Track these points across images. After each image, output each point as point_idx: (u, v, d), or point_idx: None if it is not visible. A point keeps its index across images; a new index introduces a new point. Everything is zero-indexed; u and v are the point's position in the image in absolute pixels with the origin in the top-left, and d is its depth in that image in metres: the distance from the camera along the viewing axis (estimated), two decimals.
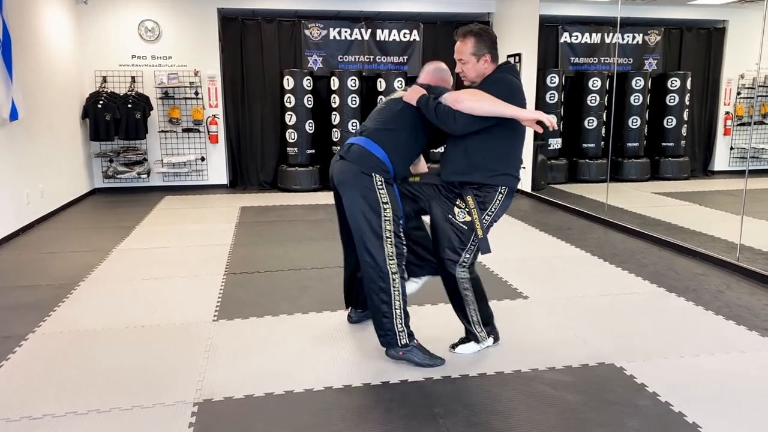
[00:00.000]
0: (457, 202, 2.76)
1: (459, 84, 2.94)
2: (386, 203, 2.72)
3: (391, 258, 2.73)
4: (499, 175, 2.72)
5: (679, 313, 3.51)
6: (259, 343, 3.09)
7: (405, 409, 2.44)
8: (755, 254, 4.59)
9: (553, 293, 3.78)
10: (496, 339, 3.02)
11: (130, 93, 7.66)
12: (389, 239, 2.73)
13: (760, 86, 7.39)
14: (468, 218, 2.74)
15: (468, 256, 2.79)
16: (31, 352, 3.00)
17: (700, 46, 9.10)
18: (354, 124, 8.03)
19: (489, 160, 2.70)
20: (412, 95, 2.79)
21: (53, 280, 4.16)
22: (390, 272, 2.73)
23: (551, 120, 2.55)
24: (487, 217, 2.75)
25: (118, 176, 7.88)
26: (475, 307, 2.89)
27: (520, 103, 2.69)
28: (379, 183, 2.72)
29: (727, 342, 3.09)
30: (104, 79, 7.75)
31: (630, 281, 4.12)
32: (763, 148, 7.63)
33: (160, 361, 2.88)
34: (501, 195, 2.74)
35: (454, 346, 2.96)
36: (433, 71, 3.00)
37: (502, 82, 2.71)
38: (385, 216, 2.72)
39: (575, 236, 5.40)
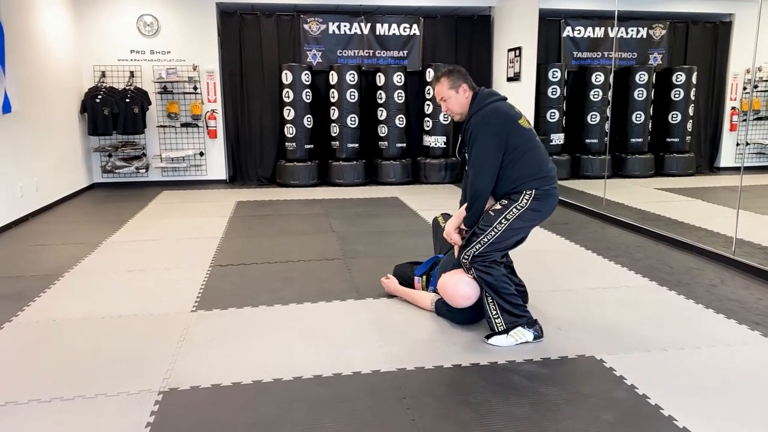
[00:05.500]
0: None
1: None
2: None
3: None
4: (520, 184, 2.87)
5: (668, 307, 3.41)
6: (234, 334, 3.04)
7: (374, 400, 2.38)
8: (754, 249, 4.47)
9: (539, 286, 3.69)
10: (537, 336, 2.90)
11: (128, 87, 7.66)
12: None
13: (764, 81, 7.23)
14: (498, 207, 2.90)
15: (479, 247, 2.89)
16: (3, 340, 2.97)
17: (706, 40, 8.94)
18: (353, 119, 7.97)
19: (504, 185, 2.90)
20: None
21: (38, 271, 4.14)
22: None
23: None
24: (514, 210, 2.86)
25: (116, 171, 7.88)
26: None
27: (500, 131, 2.84)
28: None
29: (715, 336, 3.00)
30: (103, 74, 7.76)
31: (621, 275, 4.02)
32: (766, 144, 7.47)
33: (132, 351, 2.84)
34: (528, 195, 2.87)
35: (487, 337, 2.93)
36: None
37: (483, 130, 2.84)
38: None
39: (571, 231, 5.31)
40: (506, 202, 2.88)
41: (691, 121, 8.79)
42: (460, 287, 2.98)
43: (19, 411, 2.31)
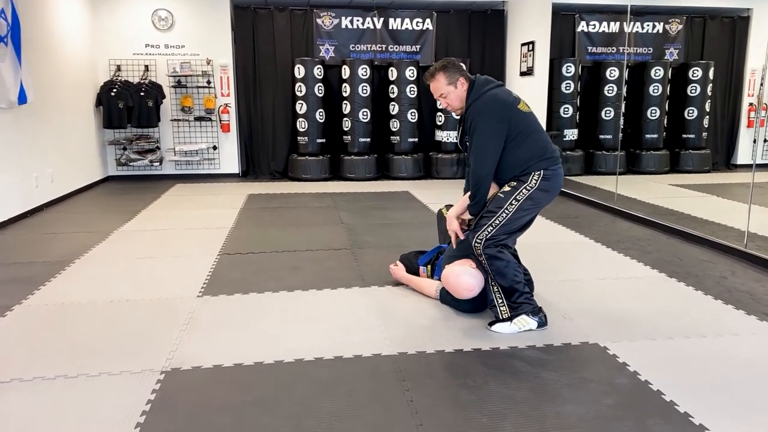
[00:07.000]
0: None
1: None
2: None
3: None
4: (529, 166, 2.85)
5: (676, 297, 3.38)
6: (238, 318, 3.06)
7: (374, 382, 2.38)
8: (767, 242, 4.41)
9: (546, 276, 3.67)
10: (541, 324, 2.87)
11: (143, 81, 7.73)
12: None
13: None
14: (507, 189, 2.88)
15: (490, 230, 2.85)
16: (12, 321, 3.02)
17: (723, 35, 8.81)
18: (365, 114, 7.97)
19: (511, 170, 2.88)
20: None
21: (49, 258, 4.20)
22: None
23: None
24: (524, 190, 2.84)
25: (131, 164, 7.96)
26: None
27: (501, 119, 2.81)
28: None
29: (722, 325, 2.96)
30: (118, 68, 7.84)
31: (630, 266, 3.98)
32: None
33: (137, 333, 2.87)
34: (537, 176, 2.85)
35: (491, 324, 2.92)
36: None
37: (483, 117, 2.81)
38: None
39: (581, 224, 5.27)
40: (515, 183, 2.86)
41: (707, 117, 8.67)
42: (463, 278, 2.97)
43: (24, 387, 2.34)
